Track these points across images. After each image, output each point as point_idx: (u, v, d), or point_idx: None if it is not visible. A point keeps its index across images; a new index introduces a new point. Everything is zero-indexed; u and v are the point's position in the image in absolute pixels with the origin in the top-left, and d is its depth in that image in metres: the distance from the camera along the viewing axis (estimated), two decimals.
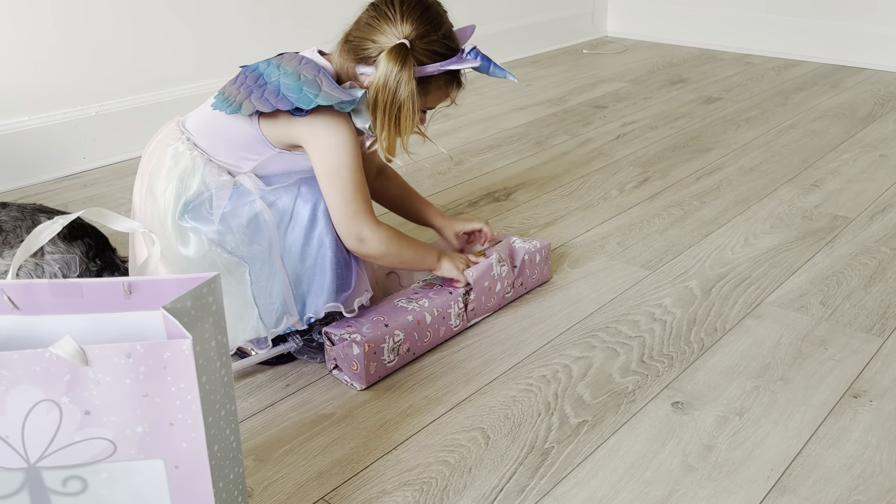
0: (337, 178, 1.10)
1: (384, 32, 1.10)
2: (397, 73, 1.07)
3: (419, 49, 1.10)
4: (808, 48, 3.01)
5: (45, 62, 1.88)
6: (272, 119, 1.10)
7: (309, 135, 1.10)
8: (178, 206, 1.10)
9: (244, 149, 1.12)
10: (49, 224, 0.78)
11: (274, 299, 1.12)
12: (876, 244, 1.53)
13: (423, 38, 1.10)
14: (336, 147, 1.10)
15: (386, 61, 1.07)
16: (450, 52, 1.13)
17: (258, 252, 1.11)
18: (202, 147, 1.14)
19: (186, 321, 0.69)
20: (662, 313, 1.30)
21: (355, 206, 1.11)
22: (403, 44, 1.08)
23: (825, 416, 1.05)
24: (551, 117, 2.37)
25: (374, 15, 1.11)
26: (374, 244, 1.13)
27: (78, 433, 0.68)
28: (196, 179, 1.11)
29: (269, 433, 1.04)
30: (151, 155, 1.16)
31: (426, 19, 1.11)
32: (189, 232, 1.10)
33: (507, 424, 1.05)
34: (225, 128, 1.12)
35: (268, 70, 1.10)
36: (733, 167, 1.94)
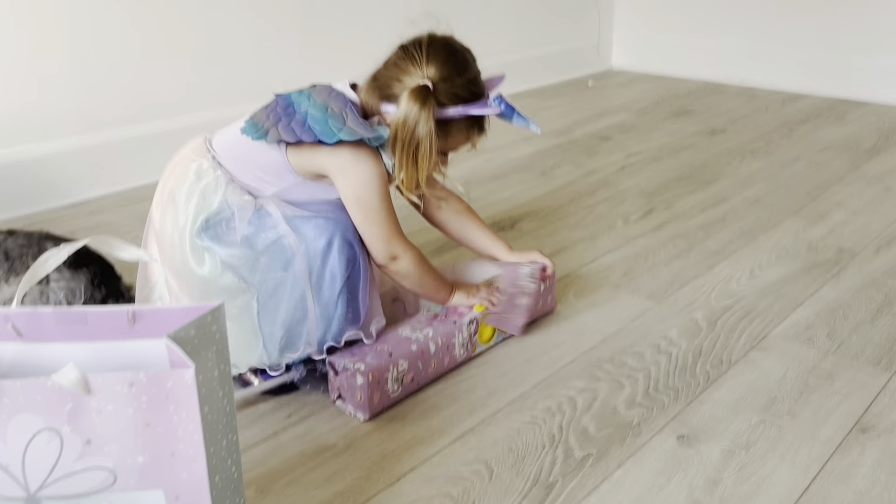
0: (368, 208, 1.14)
1: (409, 73, 1.13)
2: (416, 113, 1.10)
3: (442, 91, 1.13)
4: (813, 81, 3.03)
5: (53, 90, 1.90)
6: (298, 148, 1.12)
7: (336, 166, 1.12)
8: (198, 223, 1.11)
9: (269, 174, 1.14)
10: (55, 252, 0.78)
11: (277, 328, 1.11)
12: (882, 277, 1.52)
13: (446, 80, 1.13)
14: (364, 178, 1.13)
15: (407, 100, 1.11)
16: (473, 97, 1.16)
17: (273, 279, 1.10)
18: (226, 166, 1.15)
19: (190, 350, 0.69)
20: (668, 345, 1.30)
21: (388, 231, 1.16)
22: (426, 85, 1.11)
23: (833, 451, 1.04)
24: (556, 148, 2.38)
25: (402, 56, 1.15)
26: (405, 262, 1.18)
27: (78, 463, 0.68)
28: (218, 197, 1.12)
29: (271, 463, 1.03)
30: (174, 170, 1.18)
31: (451, 63, 1.14)
32: (204, 251, 1.11)
33: (512, 457, 1.04)
34: (251, 151, 1.15)
35: (298, 99, 1.13)
36: (738, 199, 1.94)
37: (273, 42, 2.29)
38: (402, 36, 1.18)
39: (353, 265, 1.13)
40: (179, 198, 1.13)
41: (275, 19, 2.28)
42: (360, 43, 2.48)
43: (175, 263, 1.13)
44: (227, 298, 1.11)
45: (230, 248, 1.11)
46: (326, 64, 2.37)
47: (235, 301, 1.11)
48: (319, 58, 2.38)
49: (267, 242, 1.11)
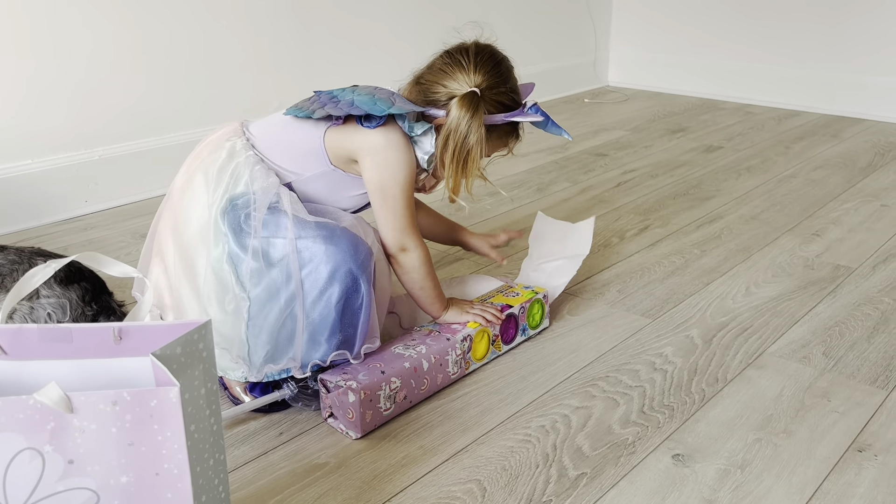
0: (390, 195, 1.15)
1: (456, 79, 1.16)
2: (469, 120, 1.13)
3: (488, 98, 1.16)
4: (809, 98, 3.04)
5: (48, 106, 1.90)
6: (339, 130, 1.15)
7: (370, 148, 1.14)
8: (223, 202, 1.12)
9: (300, 157, 1.17)
10: (42, 268, 0.78)
11: (263, 341, 1.10)
12: (878, 294, 1.51)
13: (492, 88, 1.17)
14: (393, 164, 1.14)
15: (458, 107, 1.14)
16: (514, 105, 1.20)
17: (266, 292, 1.09)
18: (259, 149, 1.17)
19: (175, 368, 0.68)
20: (663, 363, 1.29)
21: (404, 222, 1.17)
22: (475, 91, 1.15)
23: (829, 471, 1.03)
24: (552, 164, 2.38)
25: (449, 62, 1.18)
26: (413, 256, 1.19)
27: (61, 483, 0.66)
28: (245, 177, 1.13)
29: (261, 483, 1.02)
30: (203, 150, 1.19)
31: (497, 72, 1.18)
32: (221, 236, 1.11)
33: (505, 476, 1.03)
34: (288, 134, 1.18)
35: (342, 92, 1.16)
36: (734, 216, 1.94)
37: (269, 59, 2.29)
38: (445, 42, 1.22)
39: (355, 294, 1.11)
40: (211, 175, 1.14)
41: (271, 36, 2.29)
42: (357, 57, 2.49)
43: (201, 241, 1.12)
44: (223, 291, 1.10)
45: (241, 250, 1.09)
46: (323, 79, 2.37)
47: (227, 296, 1.10)
48: (317, 73, 2.38)
49: (276, 258, 1.10)
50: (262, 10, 2.25)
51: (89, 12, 1.91)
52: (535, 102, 1.22)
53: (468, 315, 1.25)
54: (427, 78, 1.19)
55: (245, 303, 1.10)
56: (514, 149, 1.27)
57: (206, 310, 1.10)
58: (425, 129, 1.15)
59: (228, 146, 1.16)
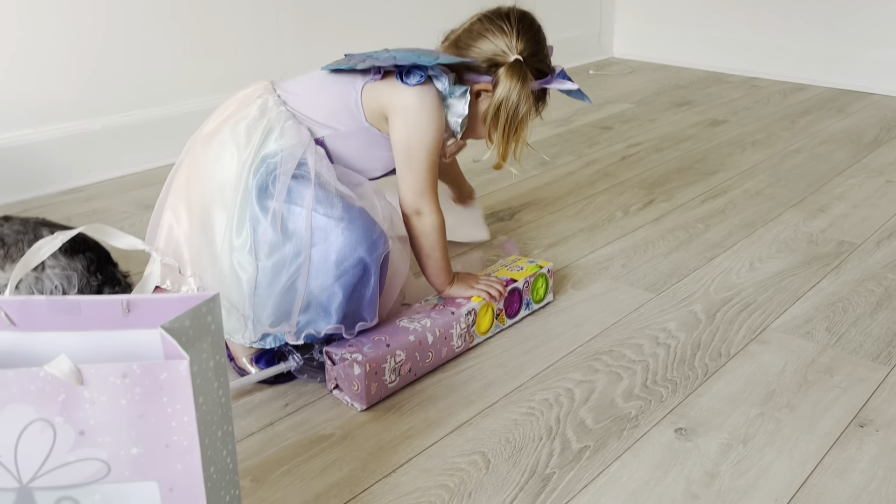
0: (415, 157, 1.16)
1: (498, 45, 1.18)
2: (520, 90, 1.16)
3: (530, 65, 1.19)
4: (815, 72, 3.01)
5: (51, 75, 1.89)
6: (377, 85, 1.15)
7: (403, 107, 1.14)
8: (257, 160, 1.10)
9: (336, 112, 1.17)
10: (49, 240, 0.78)
11: (272, 311, 1.10)
12: (882, 270, 1.51)
13: (533, 56, 1.19)
14: (423, 127, 1.15)
15: (507, 77, 1.16)
16: (549, 71, 1.23)
17: (277, 265, 1.08)
18: (291, 104, 1.16)
19: (184, 341, 0.69)
20: (666, 337, 1.29)
21: (424, 185, 1.18)
22: (519, 60, 1.16)
23: (831, 446, 1.04)
24: (556, 137, 2.37)
25: (490, 27, 1.20)
26: (427, 221, 1.19)
27: (71, 454, 0.67)
28: (275, 133, 1.12)
29: (267, 453, 1.03)
30: (233, 103, 1.17)
31: (536, 39, 1.21)
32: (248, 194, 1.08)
33: (509, 448, 1.03)
34: (325, 88, 1.18)
35: (377, 53, 1.17)
36: (739, 190, 1.93)
37: (273, 28, 2.27)
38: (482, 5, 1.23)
39: (363, 280, 1.10)
40: (240, 133, 1.11)
41: (274, 4, 2.26)
42: (362, 28, 2.46)
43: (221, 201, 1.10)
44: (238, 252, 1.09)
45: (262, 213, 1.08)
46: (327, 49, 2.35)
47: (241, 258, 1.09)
48: (320, 42, 2.36)
49: (291, 230, 1.08)
50: None
51: None
52: (563, 69, 1.24)
53: (473, 290, 1.25)
54: (466, 41, 1.20)
55: (254, 271, 1.09)
56: (542, 113, 1.29)
57: (222, 268, 1.09)
58: (462, 92, 1.16)
59: (260, 102, 1.15)
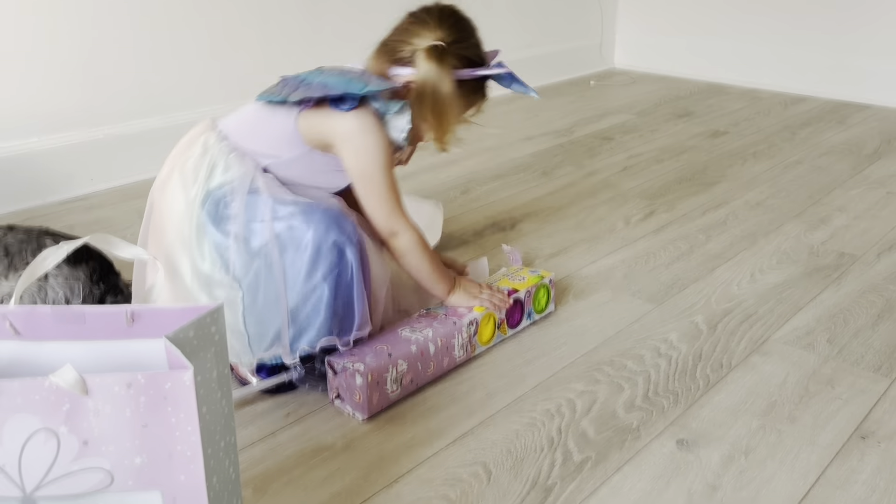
0: (370, 180, 1.16)
1: (420, 35, 1.17)
2: (437, 70, 1.14)
3: (452, 52, 1.16)
4: (815, 83, 3.02)
5: (54, 85, 1.89)
6: (312, 113, 1.14)
7: (345, 134, 1.14)
8: (202, 195, 1.12)
9: (275, 142, 1.16)
10: (54, 250, 0.78)
11: (265, 328, 1.11)
12: (883, 282, 1.52)
13: (456, 42, 1.17)
14: (370, 149, 1.14)
15: (425, 59, 1.14)
16: (480, 61, 1.20)
17: (254, 278, 1.10)
18: (233, 139, 1.17)
19: (188, 351, 0.69)
20: (668, 348, 1.29)
21: (390, 205, 1.17)
22: (440, 45, 1.15)
23: (832, 458, 1.04)
24: (558, 148, 2.37)
25: (412, 21, 1.19)
26: (405, 239, 1.19)
27: (75, 463, 0.67)
28: (220, 168, 1.14)
29: (269, 463, 1.03)
30: (177, 149, 1.19)
31: (460, 27, 1.19)
32: (206, 233, 1.11)
33: (510, 459, 1.03)
34: (261, 120, 1.18)
35: (309, 75, 1.16)
36: (739, 201, 1.94)
37: (277, 37, 2.28)
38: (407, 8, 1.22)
39: (343, 265, 1.10)
40: (188, 173, 1.14)
41: (278, 14, 2.27)
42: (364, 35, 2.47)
43: (181, 241, 1.12)
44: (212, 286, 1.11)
45: (225, 236, 1.10)
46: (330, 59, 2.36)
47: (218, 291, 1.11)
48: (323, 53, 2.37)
49: (256, 246, 1.10)
50: None
51: None
52: (500, 61, 1.22)
53: (476, 300, 1.25)
54: (392, 39, 1.20)
55: (238, 293, 1.10)
56: (481, 108, 1.26)
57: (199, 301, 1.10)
58: (399, 108, 1.15)
59: (202, 140, 1.16)
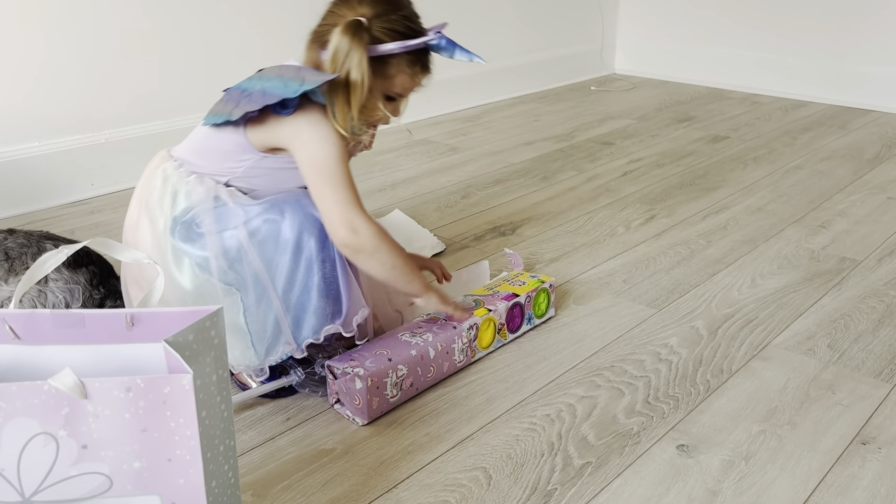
0: (324, 169, 1.09)
1: (343, 15, 1.11)
2: (347, 44, 1.07)
3: (377, 27, 1.10)
4: (816, 89, 3.02)
5: (55, 89, 1.90)
6: (259, 123, 1.11)
7: (293, 132, 1.10)
8: (170, 223, 1.12)
9: (230, 158, 1.14)
10: (54, 253, 0.78)
11: (266, 327, 1.11)
12: (884, 287, 1.51)
13: (381, 16, 1.10)
14: (319, 139, 1.10)
15: (338, 34, 1.08)
16: (412, 33, 1.12)
17: (242, 280, 1.11)
18: (190, 163, 1.16)
19: (188, 355, 0.69)
20: (668, 353, 1.29)
21: (345, 195, 1.09)
22: (358, 20, 1.08)
23: (833, 463, 1.03)
24: (558, 153, 2.37)
25: (336, 2, 1.13)
26: (367, 234, 1.09)
27: (74, 468, 0.67)
28: (182, 194, 1.13)
29: (268, 468, 1.03)
30: (141, 187, 1.20)
31: (384, 1, 1.11)
32: (184, 256, 1.11)
33: (510, 464, 1.03)
34: (213, 141, 1.15)
35: (249, 83, 1.12)
36: (740, 206, 1.94)
37: (278, 43, 2.29)
38: None
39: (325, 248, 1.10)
40: (153, 206, 1.14)
41: (280, 20, 2.28)
42: None
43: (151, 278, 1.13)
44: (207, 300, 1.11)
45: (203, 251, 1.11)
46: None
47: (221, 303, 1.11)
48: None
49: (232, 246, 1.10)
50: None
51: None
52: (439, 31, 1.14)
53: (447, 306, 1.21)
54: (320, 25, 1.15)
55: (236, 294, 1.11)
56: (423, 83, 1.18)
57: None
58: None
59: (160, 173, 1.16)
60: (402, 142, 2.46)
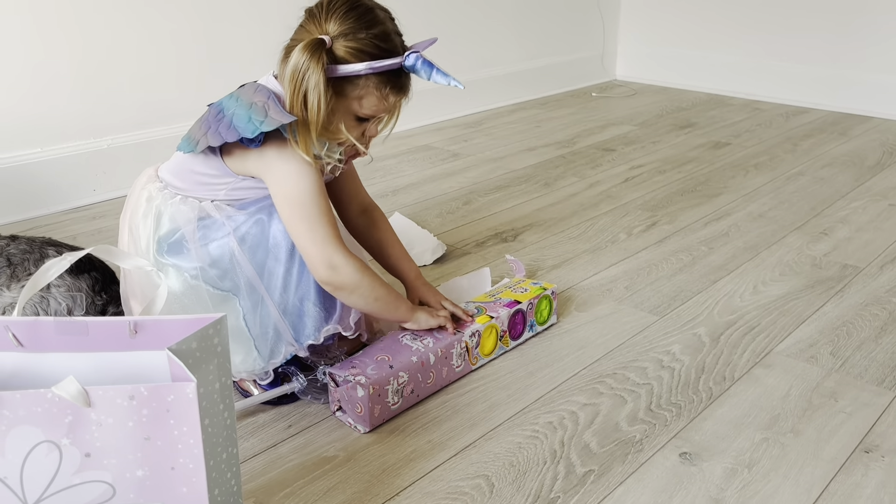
0: (298, 205, 1.07)
1: (310, 32, 1.07)
2: (305, 63, 1.03)
3: (342, 47, 1.05)
4: (817, 95, 3.03)
5: (57, 95, 1.90)
6: (230, 153, 1.11)
7: (263, 166, 1.09)
8: (154, 244, 1.12)
9: (210, 180, 1.14)
10: (58, 261, 0.78)
11: (268, 329, 1.12)
12: (886, 295, 1.51)
13: (347, 35, 1.05)
14: (290, 173, 1.07)
15: (297, 54, 1.03)
16: (381, 54, 1.07)
17: (237, 287, 1.11)
18: (174, 186, 1.16)
19: (191, 363, 0.69)
20: (671, 360, 1.29)
21: (323, 232, 1.07)
22: (320, 39, 1.04)
23: (836, 472, 1.03)
24: (560, 159, 2.38)
25: (306, 19, 1.10)
26: (347, 271, 1.08)
27: (77, 476, 0.67)
28: (166, 217, 1.13)
29: (270, 475, 1.03)
30: (128, 206, 1.20)
31: (353, 18, 1.06)
32: (170, 268, 1.11)
33: (513, 472, 1.03)
34: (190, 165, 1.14)
35: (227, 103, 1.10)
36: (742, 213, 1.94)
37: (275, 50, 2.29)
38: None
39: None
40: (137, 226, 1.15)
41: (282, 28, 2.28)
42: None
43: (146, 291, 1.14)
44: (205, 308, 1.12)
45: (193, 263, 1.10)
46: None
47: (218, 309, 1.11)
48: None
49: (223, 254, 1.10)
50: (270, 2, 2.25)
51: (99, 1, 1.91)
52: (416, 51, 1.08)
53: (438, 319, 1.21)
54: (291, 39, 1.11)
55: (233, 299, 1.11)
56: (398, 106, 1.13)
57: None
58: None
59: (146, 194, 1.17)
60: (404, 147, 2.46)
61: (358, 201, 1.31)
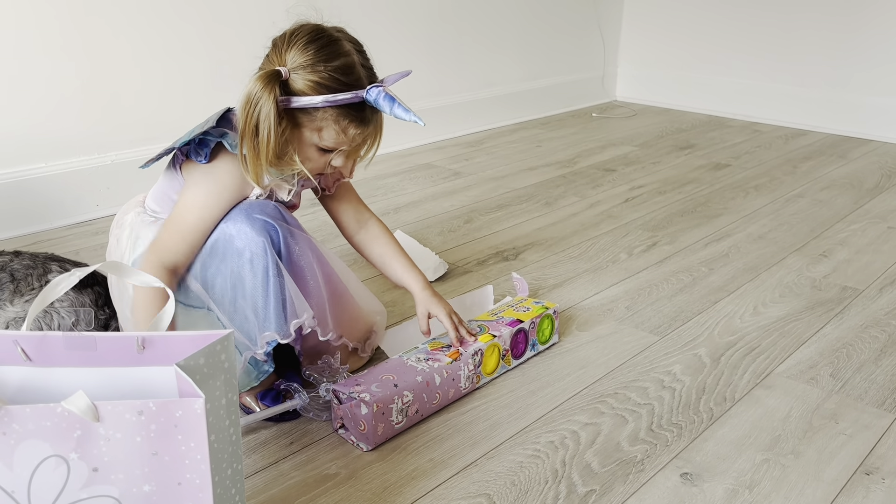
0: (179, 210, 1.12)
1: (272, 62, 1.09)
2: (257, 94, 1.04)
3: (300, 79, 1.06)
4: (816, 118, 3.05)
5: (61, 110, 1.91)
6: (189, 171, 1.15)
7: (192, 177, 1.14)
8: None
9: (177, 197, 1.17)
10: (66, 276, 0.78)
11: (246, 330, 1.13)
12: (886, 317, 1.52)
13: (306, 67, 1.06)
14: (198, 185, 1.12)
15: (252, 82, 1.05)
16: (340, 87, 1.07)
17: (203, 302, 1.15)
18: (152, 209, 1.21)
19: (199, 378, 0.69)
20: (671, 381, 1.29)
21: (169, 242, 1.11)
22: (276, 70, 1.06)
23: (837, 493, 1.03)
24: (560, 179, 2.39)
25: (271, 48, 1.11)
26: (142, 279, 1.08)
27: (84, 490, 0.67)
28: (142, 239, 1.17)
29: (272, 492, 1.03)
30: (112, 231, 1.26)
31: (313, 50, 1.06)
32: None
33: (514, 491, 1.03)
34: (163, 187, 1.21)
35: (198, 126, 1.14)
36: (742, 234, 1.95)
37: None
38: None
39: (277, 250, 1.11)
40: (121, 251, 1.20)
41: None
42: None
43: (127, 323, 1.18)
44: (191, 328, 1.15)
45: None
46: None
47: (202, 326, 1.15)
48: None
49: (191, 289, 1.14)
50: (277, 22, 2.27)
51: (104, 17, 1.93)
52: (379, 85, 1.07)
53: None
54: (259, 67, 1.12)
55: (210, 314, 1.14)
56: (361, 140, 1.13)
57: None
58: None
59: (128, 220, 1.21)
60: (406, 166, 2.48)
61: (356, 218, 1.32)
